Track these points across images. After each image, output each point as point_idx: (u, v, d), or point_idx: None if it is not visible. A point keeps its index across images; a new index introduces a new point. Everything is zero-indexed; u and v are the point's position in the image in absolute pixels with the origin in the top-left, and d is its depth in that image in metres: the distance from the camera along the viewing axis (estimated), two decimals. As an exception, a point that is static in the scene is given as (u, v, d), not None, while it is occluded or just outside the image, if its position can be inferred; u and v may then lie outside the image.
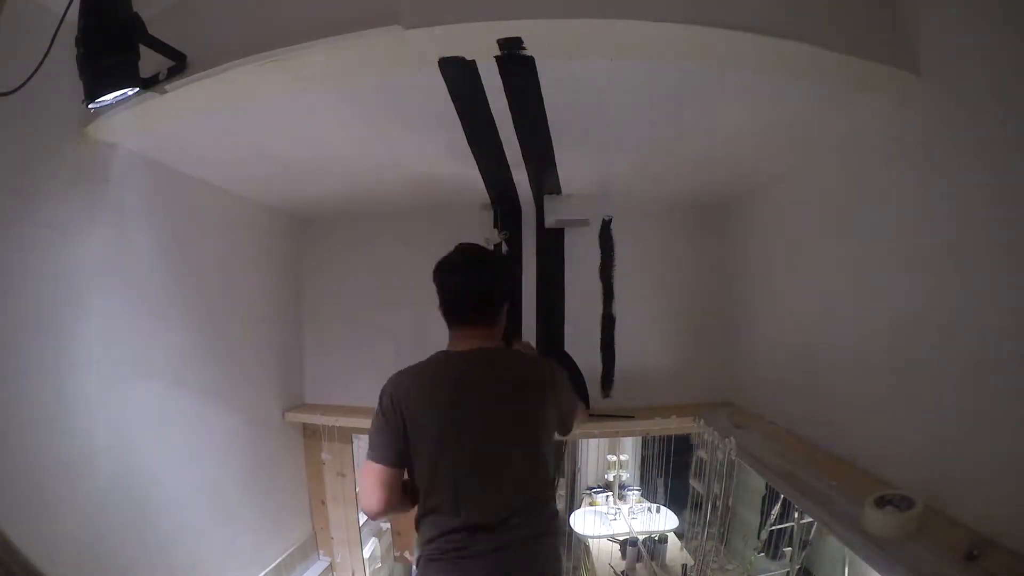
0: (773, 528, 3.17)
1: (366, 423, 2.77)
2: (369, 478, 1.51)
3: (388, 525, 4.11)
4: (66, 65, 1.29)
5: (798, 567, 3.01)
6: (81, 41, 1.28)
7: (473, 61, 1.45)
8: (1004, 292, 1.23)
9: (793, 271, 2.27)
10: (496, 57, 1.43)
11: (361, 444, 3.24)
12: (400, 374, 1.58)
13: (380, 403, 1.54)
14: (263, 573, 2.64)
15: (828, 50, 1.35)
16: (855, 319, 1.82)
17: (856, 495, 1.49)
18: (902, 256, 1.58)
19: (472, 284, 1.61)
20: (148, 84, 1.45)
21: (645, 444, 4.42)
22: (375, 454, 1.52)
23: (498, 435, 1.50)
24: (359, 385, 2.97)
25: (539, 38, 1.35)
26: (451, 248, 1.67)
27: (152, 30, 1.37)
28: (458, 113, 1.77)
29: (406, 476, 1.57)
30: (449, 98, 1.65)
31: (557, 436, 1.71)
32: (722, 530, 2.69)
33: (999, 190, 1.23)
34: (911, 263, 1.54)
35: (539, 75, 1.54)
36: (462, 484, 1.47)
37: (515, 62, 1.46)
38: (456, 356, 1.59)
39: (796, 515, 2.78)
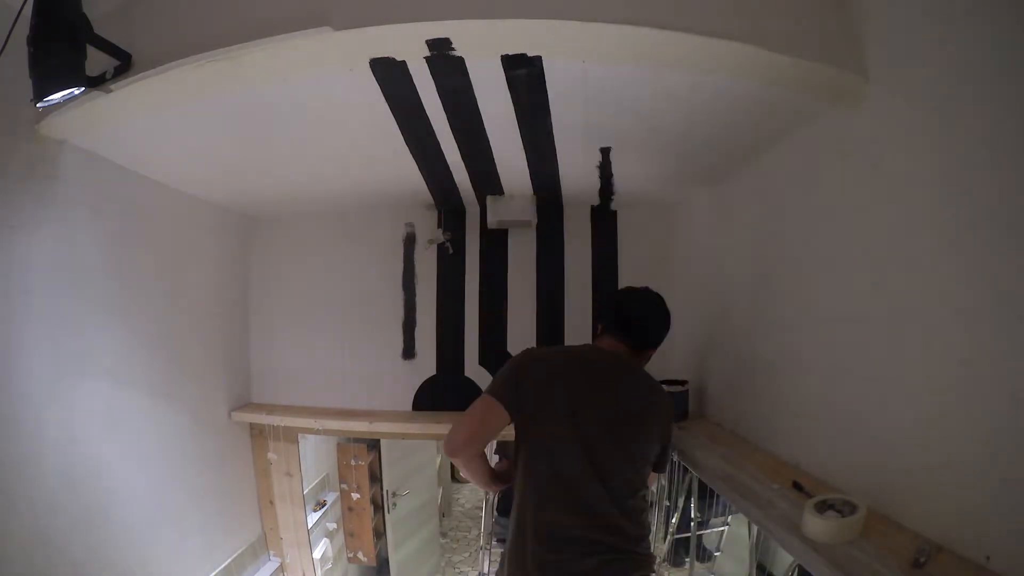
0: (676, 537, 3.18)
1: (312, 423, 2.88)
2: (472, 411, 1.56)
3: (335, 526, 4.11)
4: (22, 63, 1.33)
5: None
6: (31, 41, 1.32)
7: (404, 62, 1.49)
8: (950, 293, 1.19)
9: (738, 271, 2.25)
10: (426, 58, 1.46)
11: (306, 443, 3.27)
12: (540, 347, 1.76)
13: (509, 360, 1.67)
14: (214, 573, 2.63)
15: (769, 51, 1.35)
16: (797, 322, 1.80)
17: (799, 499, 1.46)
18: (844, 257, 1.55)
19: (652, 317, 1.82)
20: (94, 83, 1.48)
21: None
22: (491, 389, 1.59)
23: (608, 450, 1.56)
24: (305, 385, 3.03)
25: (468, 39, 1.38)
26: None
27: (99, 29, 1.41)
28: (393, 115, 1.80)
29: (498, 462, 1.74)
30: (384, 100, 1.69)
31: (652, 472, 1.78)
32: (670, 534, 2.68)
33: (945, 191, 1.21)
34: (855, 264, 1.50)
35: (471, 76, 1.57)
36: (560, 489, 1.54)
37: (445, 63, 1.50)
38: (602, 351, 1.74)
39: (693, 526, 2.80)
